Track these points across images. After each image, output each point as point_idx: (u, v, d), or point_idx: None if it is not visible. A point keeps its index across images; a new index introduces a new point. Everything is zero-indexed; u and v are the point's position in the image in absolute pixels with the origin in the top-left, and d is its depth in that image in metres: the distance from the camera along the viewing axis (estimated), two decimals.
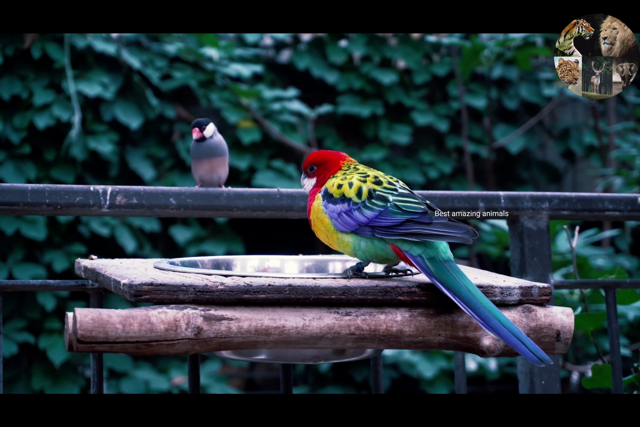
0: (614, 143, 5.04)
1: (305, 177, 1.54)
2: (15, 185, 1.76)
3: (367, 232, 1.40)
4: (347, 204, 1.43)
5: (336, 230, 1.43)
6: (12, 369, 4.19)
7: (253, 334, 1.31)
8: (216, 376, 4.42)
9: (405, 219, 1.39)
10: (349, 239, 1.42)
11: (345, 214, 1.42)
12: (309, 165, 1.52)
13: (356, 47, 5.03)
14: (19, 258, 4.18)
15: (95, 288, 1.69)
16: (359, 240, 1.41)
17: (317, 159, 1.52)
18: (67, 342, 1.28)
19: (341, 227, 1.42)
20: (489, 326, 1.31)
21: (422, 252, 1.38)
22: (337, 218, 1.42)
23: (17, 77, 4.28)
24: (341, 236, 1.42)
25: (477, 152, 5.14)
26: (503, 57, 4.57)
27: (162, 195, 1.84)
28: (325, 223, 1.44)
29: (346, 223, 1.42)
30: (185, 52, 4.62)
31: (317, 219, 1.45)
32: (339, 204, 1.43)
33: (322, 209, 1.44)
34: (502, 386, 4.75)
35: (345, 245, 1.42)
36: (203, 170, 1.99)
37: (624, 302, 2.09)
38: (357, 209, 1.42)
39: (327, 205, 1.44)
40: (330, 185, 1.46)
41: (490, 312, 1.31)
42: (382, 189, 1.43)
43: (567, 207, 2.02)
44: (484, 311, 1.31)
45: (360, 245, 1.41)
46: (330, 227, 1.43)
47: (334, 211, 1.43)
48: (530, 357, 1.31)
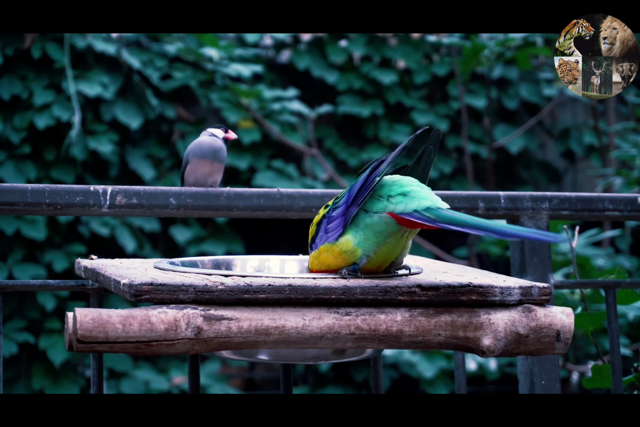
0: (614, 143, 5.04)
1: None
2: (15, 185, 1.76)
3: (353, 209, 1.41)
4: (324, 220, 1.45)
5: (333, 243, 1.43)
6: (12, 369, 4.19)
7: (253, 334, 1.31)
8: (216, 376, 4.42)
9: (367, 173, 1.40)
10: (347, 237, 1.42)
11: (328, 224, 1.45)
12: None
13: (356, 47, 5.03)
14: (19, 258, 4.18)
15: (95, 288, 1.69)
16: (355, 231, 1.41)
17: None
18: (67, 342, 1.28)
19: (335, 235, 1.43)
20: (506, 234, 1.33)
21: (417, 206, 1.38)
22: (327, 236, 1.44)
23: (17, 77, 4.28)
24: (339, 242, 1.42)
25: (477, 152, 5.14)
26: (503, 57, 4.57)
27: (162, 195, 1.84)
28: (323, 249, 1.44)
29: (334, 227, 1.43)
30: (185, 52, 4.62)
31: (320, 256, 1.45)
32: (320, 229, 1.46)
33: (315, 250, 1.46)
34: (502, 386, 4.75)
35: (347, 244, 1.41)
36: (201, 172, 1.95)
37: (624, 302, 2.09)
38: (332, 211, 1.44)
39: (315, 244, 1.46)
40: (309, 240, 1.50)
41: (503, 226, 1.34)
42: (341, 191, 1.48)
43: (567, 207, 2.02)
44: (497, 227, 1.34)
45: (358, 235, 1.41)
46: (327, 245, 1.43)
47: (321, 236, 1.45)
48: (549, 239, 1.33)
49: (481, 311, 1.39)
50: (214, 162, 1.95)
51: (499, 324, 1.38)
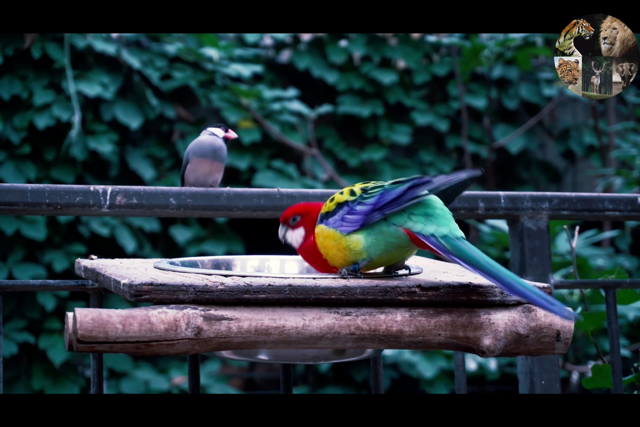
0: (614, 143, 5.04)
1: (286, 229, 1.51)
2: (15, 185, 1.76)
3: (376, 216, 1.40)
4: (345, 207, 1.43)
5: (343, 235, 1.42)
6: (12, 369, 4.19)
7: (253, 334, 1.31)
8: (216, 376, 4.42)
9: (407, 186, 1.39)
10: (358, 237, 1.41)
11: (348, 214, 1.42)
12: (292, 216, 1.50)
13: (356, 47, 5.03)
14: (19, 258, 4.18)
15: (95, 288, 1.69)
16: (368, 234, 1.41)
17: (300, 209, 1.50)
18: (67, 342, 1.28)
19: (348, 228, 1.42)
20: (513, 290, 1.32)
21: (434, 231, 1.38)
22: (341, 224, 1.42)
23: (17, 77, 4.28)
24: (349, 238, 1.42)
25: (477, 152, 5.14)
26: (503, 57, 4.57)
27: (162, 195, 1.84)
28: (331, 235, 1.43)
29: (352, 221, 1.42)
30: (185, 52, 4.62)
31: (325, 238, 1.43)
32: (337, 212, 1.43)
33: (325, 227, 1.44)
34: (502, 386, 4.75)
35: (355, 244, 1.41)
36: (202, 171, 1.94)
37: (624, 302, 2.09)
38: (357, 204, 1.42)
39: (328, 221, 1.44)
40: (323, 207, 1.46)
41: (512, 279, 1.33)
42: (374, 183, 1.45)
43: (567, 207, 2.02)
44: (506, 278, 1.32)
45: (369, 239, 1.41)
46: (337, 235, 1.42)
47: (336, 220, 1.43)
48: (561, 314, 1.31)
49: (481, 311, 1.39)
50: (214, 161, 1.95)
51: (499, 324, 1.38)
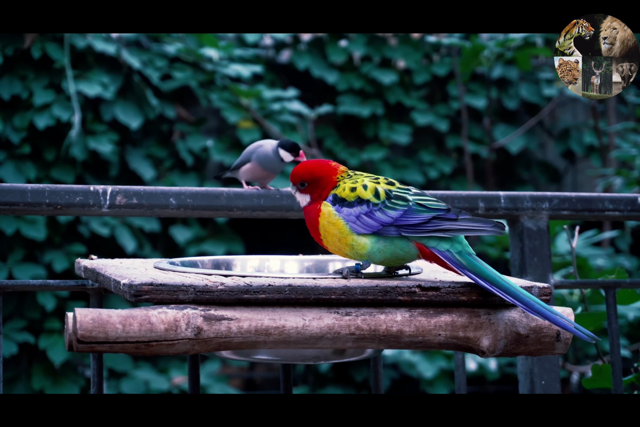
0: (614, 143, 5.04)
1: (296, 190, 1.51)
2: (15, 185, 1.76)
3: (392, 232, 1.40)
4: (365, 206, 1.43)
5: (352, 232, 1.42)
6: (12, 369, 4.19)
7: (253, 334, 1.31)
8: (216, 376, 4.42)
9: (432, 216, 1.40)
10: (366, 240, 1.41)
11: (365, 215, 1.42)
12: (299, 182, 1.49)
13: (356, 47, 5.03)
14: (19, 258, 4.18)
15: (95, 288, 1.69)
16: (377, 240, 1.41)
17: (307, 176, 1.48)
18: (67, 342, 1.28)
19: (360, 229, 1.42)
20: (534, 310, 1.34)
21: (450, 247, 1.39)
22: (355, 221, 1.42)
23: (17, 77, 4.27)
24: (357, 238, 1.42)
25: (477, 152, 5.14)
26: (503, 57, 4.57)
27: (162, 195, 1.84)
28: (339, 226, 1.43)
29: (367, 224, 1.42)
30: (185, 52, 4.62)
31: (329, 224, 1.43)
32: (355, 206, 1.43)
33: (334, 213, 1.44)
34: (502, 386, 4.75)
35: (361, 247, 1.41)
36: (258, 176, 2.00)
37: (624, 302, 2.09)
38: (378, 210, 1.42)
39: (341, 209, 1.43)
40: (341, 190, 1.45)
41: (530, 298, 1.34)
42: (397, 189, 1.44)
43: (567, 207, 2.02)
44: (524, 297, 1.34)
45: (377, 245, 1.41)
46: (345, 229, 1.42)
47: (351, 214, 1.43)
48: (580, 335, 1.34)
49: (481, 311, 1.39)
50: (272, 174, 2.01)
51: (499, 324, 1.38)
